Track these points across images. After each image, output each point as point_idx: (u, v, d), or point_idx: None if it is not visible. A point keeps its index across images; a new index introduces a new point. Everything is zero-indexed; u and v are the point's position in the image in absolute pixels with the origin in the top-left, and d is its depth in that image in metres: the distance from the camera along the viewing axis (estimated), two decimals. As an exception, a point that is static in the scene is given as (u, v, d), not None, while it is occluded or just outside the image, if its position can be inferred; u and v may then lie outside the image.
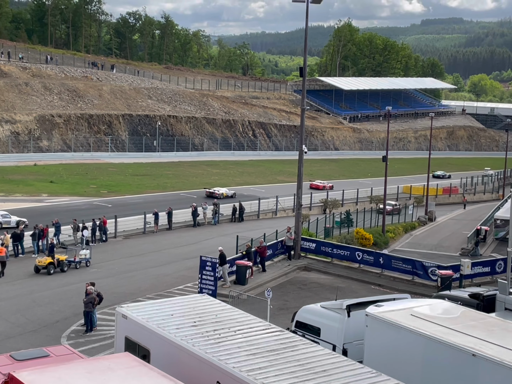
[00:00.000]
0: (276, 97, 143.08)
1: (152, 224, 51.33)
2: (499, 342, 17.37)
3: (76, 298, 31.14)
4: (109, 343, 25.71)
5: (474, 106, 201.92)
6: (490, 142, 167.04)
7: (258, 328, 17.70)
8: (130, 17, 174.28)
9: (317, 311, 22.66)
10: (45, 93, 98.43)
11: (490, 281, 38.48)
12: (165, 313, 18.51)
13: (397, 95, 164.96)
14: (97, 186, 70.24)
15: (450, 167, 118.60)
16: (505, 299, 24.09)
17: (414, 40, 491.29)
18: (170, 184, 75.38)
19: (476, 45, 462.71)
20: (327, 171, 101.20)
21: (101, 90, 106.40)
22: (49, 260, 37.18)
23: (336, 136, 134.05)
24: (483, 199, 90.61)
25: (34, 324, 28.55)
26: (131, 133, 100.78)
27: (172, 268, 40.27)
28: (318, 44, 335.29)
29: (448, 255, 51.54)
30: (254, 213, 62.34)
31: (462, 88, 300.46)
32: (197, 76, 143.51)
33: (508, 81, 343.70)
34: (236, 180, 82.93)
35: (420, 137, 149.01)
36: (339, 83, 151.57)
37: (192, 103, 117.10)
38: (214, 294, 30.39)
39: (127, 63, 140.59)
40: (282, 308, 31.86)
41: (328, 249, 43.20)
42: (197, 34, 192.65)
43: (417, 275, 38.66)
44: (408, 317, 19.16)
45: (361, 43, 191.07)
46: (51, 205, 57.47)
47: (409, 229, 64.60)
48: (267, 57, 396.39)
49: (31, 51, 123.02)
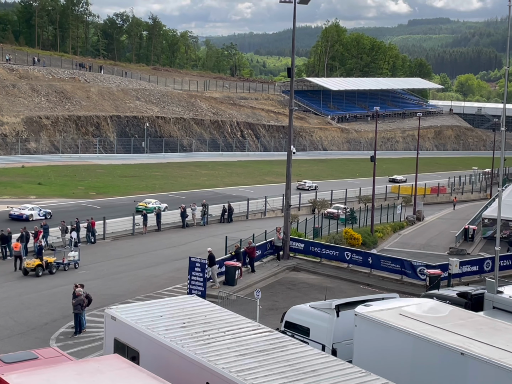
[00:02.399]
0: (264, 97, 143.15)
1: (140, 225, 51.25)
2: (487, 341, 17.46)
3: (65, 300, 31.06)
4: (98, 345, 25.67)
5: (462, 106, 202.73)
6: (477, 141, 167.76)
7: (247, 329, 17.73)
8: (118, 18, 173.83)
9: (306, 311, 22.71)
10: (32, 95, 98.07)
11: (478, 280, 38.63)
12: (154, 314, 18.51)
13: (384, 95, 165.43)
14: (86, 188, 70.06)
15: (438, 166, 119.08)
16: (493, 297, 24.20)
17: (401, 40, 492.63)
18: (159, 185, 75.28)
19: (463, 45, 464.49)
20: (316, 171, 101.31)
21: (89, 92, 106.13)
22: (37, 262, 37.06)
23: (324, 136, 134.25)
24: (470, 199, 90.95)
25: (22, 326, 28.46)
26: (119, 134, 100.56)
27: (161, 269, 40.23)
28: (306, 44, 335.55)
29: (437, 254, 51.70)
30: (243, 213, 62.35)
31: (449, 88, 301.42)
32: (185, 77, 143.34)
33: (495, 81, 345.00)
34: (225, 181, 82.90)
35: (408, 137, 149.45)
36: (327, 84, 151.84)
37: (180, 104, 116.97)
38: (203, 295, 30.40)
39: (114, 64, 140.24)
40: (272, 309, 31.89)
41: (317, 249, 43.29)
42: (184, 35, 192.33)
43: (405, 275, 38.79)
44: (397, 317, 19.23)
45: (348, 44, 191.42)
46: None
47: (398, 228, 64.73)
48: (255, 58, 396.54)
49: (18, 52, 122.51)
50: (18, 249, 38.74)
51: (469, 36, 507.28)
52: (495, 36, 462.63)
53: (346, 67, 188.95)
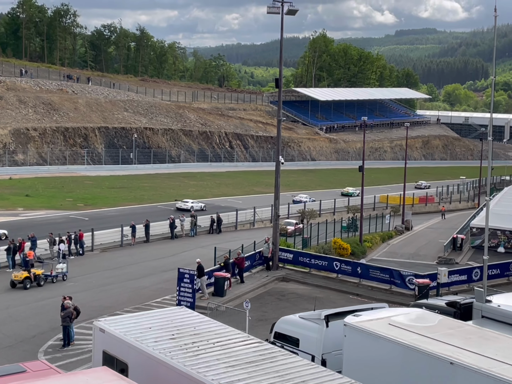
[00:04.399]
0: (252, 108, 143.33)
1: (129, 236, 51.09)
2: (476, 350, 17.49)
3: (53, 312, 30.89)
4: (86, 357, 25.53)
5: (449, 115, 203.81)
6: (465, 151, 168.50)
7: (236, 340, 17.69)
8: (105, 30, 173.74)
9: (295, 321, 22.69)
10: (20, 107, 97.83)
11: (467, 289, 38.68)
12: (143, 326, 18.45)
13: (372, 106, 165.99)
14: (74, 199, 69.82)
15: (426, 176, 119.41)
16: (481, 307, 24.23)
17: (389, 51, 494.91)
18: (147, 196, 75.13)
19: (450, 55, 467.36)
20: (304, 181, 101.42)
21: (77, 103, 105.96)
22: (25, 274, 36.85)
23: (312, 146, 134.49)
24: (458, 208, 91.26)
25: (10, 339, 28.28)
26: (107, 145, 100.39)
27: (150, 280, 40.11)
28: (294, 55, 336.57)
29: (425, 263, 51.77)
30: (231, 224, 62.28)
31: (436, 98, 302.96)
32: (173, 88, 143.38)
33: (481, 90, 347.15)
34: (213, 192, 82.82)
35: (396, 147, 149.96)
36: (315, 94, 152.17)
37: (169, 115, 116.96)
38: (192, 306, 30.31)
39: (102, 76, 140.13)
40: (261, 319, 31.83)
41: (306, 259, 43.31)
42: (172, 46, 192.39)
43: (394, 284, 38.84)
44: (386, 326, 19.23)
45: (336, 54, 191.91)
46: (27, 219, 57.01)
47: (386, 238, 64.86)
48: (243, 69, 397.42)
49: (6, 64, 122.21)
50: (31, 257, 39.97)
51: (456, 46, 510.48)
52: (482, 46, 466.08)
53: (334, 78, 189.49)
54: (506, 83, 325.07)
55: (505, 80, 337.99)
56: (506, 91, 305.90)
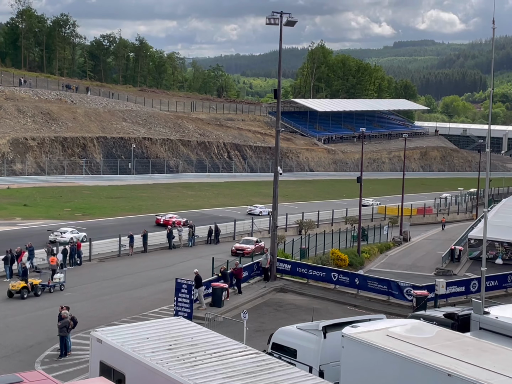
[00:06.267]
0: (251, 119, 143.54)
1: (127, 246, 51.02)
2: (474, 362, 17.46)
3: (50, 322, 30.80)
4: (84, 367, 25.43)
5: (447, 127, 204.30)
6: (463, 162, 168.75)
7: (234, 351, 17.66)
8: (104, 40, 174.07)
9: (293, 332, 22.65)
10: (18, 116, 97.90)
11: (465, 300, 38.68)
12: (140, 336, 18.41)
13: (370, 117, 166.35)
14: (72, 209, 69.76)
15: (424, 187, 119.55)
16: (479, 318, 24.21)
17: (387, 62, 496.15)
18: (145, 206, 75.10)
19: (448, 67, 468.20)
20: (302, 192, 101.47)
21: (75, 113, 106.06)
22: (22, 284, 36.77)
23: (311, 157, 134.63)
24: (456, 219, 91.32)
25: (7, 349, 28.19)
26: (105, 155, 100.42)
27: (147, 291, 40.04)
28: (292, 66, 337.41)
29: (423, 275, 51.79)
30: (230, 234, 62.26)
31: (434, 109, 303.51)
32: (172, 98, 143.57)
33: (480, 102, 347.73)
34: (212, 202, 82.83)
35: (394, 158, 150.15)
36: (314, 105, 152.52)
37: (167, 125, 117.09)
38: (189, 316, 30.26)
39: (101, 86, 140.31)
40: (258, 330, 31.77)
41: (304, 270, 43.25)
42: (171, 56, 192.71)
43: (392, 295, 38.79)
44: (384, 338, 19.20)
45: (334, 65, 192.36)
46: (24, 229, 56.96)
47: (384, 249, 64.89)
48: (241, 79, 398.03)
49: (5, 74, 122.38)
50: (54, 263, 40.58)
51: (454, 58, 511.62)
52: (480, 58, 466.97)
53: (332, 89, 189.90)
54: (504, 95, 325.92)
55: (503, 92, 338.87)
56: (504, 103, 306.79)
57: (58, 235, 51.80)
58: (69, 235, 51.60)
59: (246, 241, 55.56)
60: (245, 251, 51.96)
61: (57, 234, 52.05)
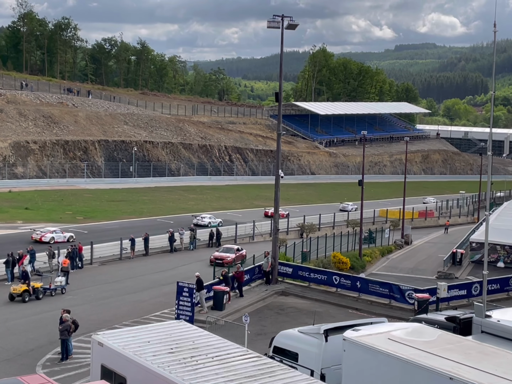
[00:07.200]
0: (252, 122, 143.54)
1: (128, 250, 51.01)
2: (476, 365, 17.42)
3: (51, 325, 30.79)
4: (85, 371, 25.43)
5: (448, 130, 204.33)
6: (464, 165, 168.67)
7: (235, 354, 17.63)
8: (106, 43, 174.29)
9: (294, 336, 22.61)
10: (20, 120, 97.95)
11: (467, 304, 38.61)
12: (142, 340, 18.39)
13: (372, 120, 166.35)
14: (73, 213, 69.77)
15: (425, 190, 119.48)
16: (481, 322, 24.17)
17: (388, 65, 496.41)
18: (147, 209, 75.08)
19: (449, 70, 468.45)
20: (304, 195, 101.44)
21: (77, 116, 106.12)
22: (24, 287, 36.76)
23: (312, 160, 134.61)
24: (458, 222, 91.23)
25: (8, 352, 28.17)
26: (107, 159, 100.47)
27: (148, 294, 40.02)
28: (294, 69, 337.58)
29: (425, 278, 51.72)
30: (231, 238, 62.17)
31: (436, 113, 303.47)
32: (173, 101, 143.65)
33: (481, 105, 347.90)
34: (213, 205, 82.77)
35: (396, 161, 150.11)
36: (315, 108, 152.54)
37: (169, 129, 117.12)
38: (191, 320, 30.23)
39: (102, 89, 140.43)
40: (260, 334, 31.74)
41: (305, 273, 43.23)
42: (173, 60, 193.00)
43: (394, 299, 38.75)
44: (385, 341, 19.17)
45: (336, 68, 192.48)
46: (26, 232, 56.93)
47: (386, 252, 64.77)
48: (243, 82, 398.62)
49: (6, 77, 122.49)
50: (66, 265, 40.99)
51: (455, 61, 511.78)
52: (481, 61, 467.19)
53: (333, 92, 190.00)
54: (505, 98, 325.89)
55: (505, 95, 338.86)
56: (506, 106, 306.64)
57: (199, 219, 64.88)
58: (208, 220, 65.02)
59: (226, 249, 51.65)
60: (224, 261, 48.04)
61: (198, 218, 65.05)
